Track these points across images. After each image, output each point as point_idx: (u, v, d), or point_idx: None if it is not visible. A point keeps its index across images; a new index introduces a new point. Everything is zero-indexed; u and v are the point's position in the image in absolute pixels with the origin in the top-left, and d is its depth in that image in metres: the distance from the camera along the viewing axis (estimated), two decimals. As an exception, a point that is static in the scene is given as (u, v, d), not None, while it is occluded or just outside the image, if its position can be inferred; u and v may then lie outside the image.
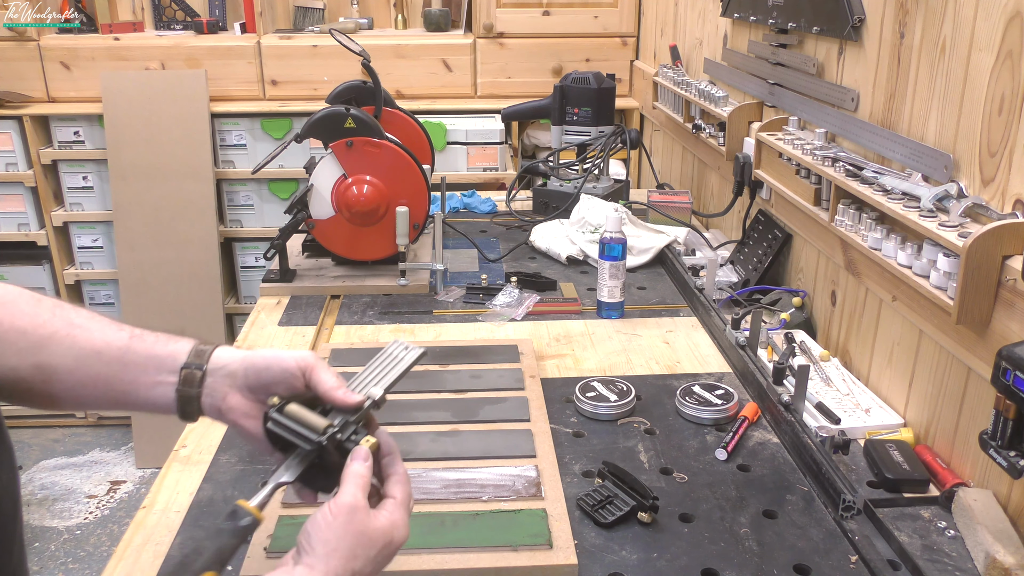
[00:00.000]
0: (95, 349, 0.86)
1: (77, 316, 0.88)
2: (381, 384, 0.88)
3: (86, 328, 0.87)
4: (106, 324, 0.89)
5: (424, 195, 1.87)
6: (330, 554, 0.74)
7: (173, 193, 3.20)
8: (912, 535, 1.06)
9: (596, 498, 1.12)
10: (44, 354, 0.84)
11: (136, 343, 0.88)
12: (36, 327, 0.85)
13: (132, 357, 0.87)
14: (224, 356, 0.89)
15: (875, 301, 1.40)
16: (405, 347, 0.93)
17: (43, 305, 0.87)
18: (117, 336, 0.88)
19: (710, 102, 2.10)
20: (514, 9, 3.24)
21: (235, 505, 0.80)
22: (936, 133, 1.21)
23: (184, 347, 0.89)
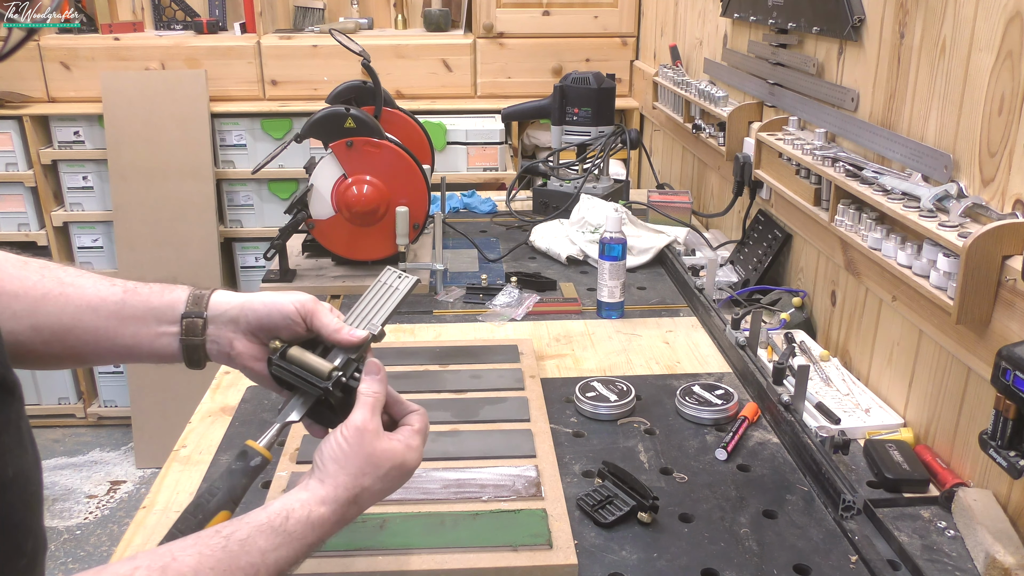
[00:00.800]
0: (90, 306, 0.86)
1: (66, 274, 0.88)
2: (379, 316, 0.90)
3: (78, 286, 0.87)
4: (97, 279, 0.88)
5: (424, 195, 1.87)
6: (339, 471, 0.79)
7: (173, 193, 3.20)
8: (912, 535, 1.06)
9: (596, 498, 1.12)
10: (40, 315, 0.84)
11: (131, 297, 0.88)
12: (27, 289, 0.85)
13: (129, 311, 0.87)
14: (223, 302, 0.89)
15: (875, 301, 1.40)
16: (398, 275, 0.93)
17: (30, 267, 0.87)
18: (111, 291, 0.88)
19: (710, 102, 2.10)
20: (514, 9, 3.24)
21: (244, 445, 0.82)
22: (936, 133, 1.21)
23: (180, 295, 0.89)
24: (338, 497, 0.78)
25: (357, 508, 0.80)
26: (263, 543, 0.73)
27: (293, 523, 0.75)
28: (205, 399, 1.43)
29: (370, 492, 0.80)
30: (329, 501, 0.78)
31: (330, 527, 0.78)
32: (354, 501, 0.79)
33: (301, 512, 0.76)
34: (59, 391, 3.53)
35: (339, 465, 0.79)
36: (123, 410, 3.52)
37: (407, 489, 1.11)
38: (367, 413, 0.81)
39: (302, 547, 0.75)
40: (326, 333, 0.87)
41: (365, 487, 0.79)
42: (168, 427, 3.18)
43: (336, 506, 0.78)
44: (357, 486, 0.79)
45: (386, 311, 0.91)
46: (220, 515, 0.78)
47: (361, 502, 0.80)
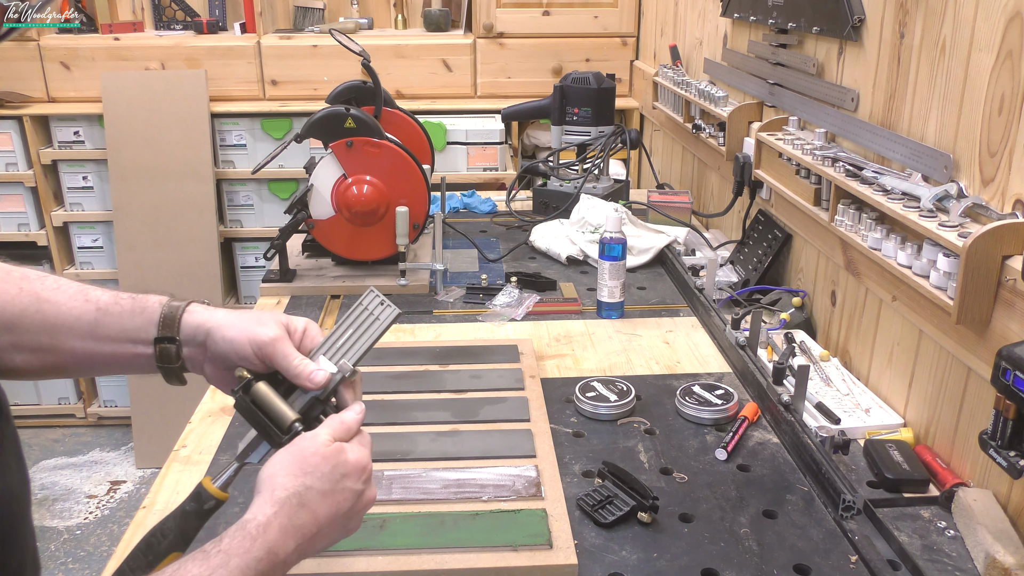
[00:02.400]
0: (66, 325, 0.85)
1: (43, 288, 0.86)
2: (354, 352, 0.85)
3: (54, 302, 0.85)
4: (73, 293, 0.86)
5: (424, 195, 1.87)
6: (274, 475, 0.75)
7: (173, 193, 3.20)
8: (912, 535, 1.06)
9: (596, 498, 1.12)
10: (18, 333, 0.83)
11: (103, 317, 0.86)
12: (4, 305, 0.83)
13: (103, 331, 0.85)
14: (193, 324, 0.86)
15: (875, 301, 1.40)
16: (381, 301, 0.88)
17: (11, 279, 0.85)
18: (84, 309, 0.85)
19: (710, 102, 2.10)
20: (514, 9, 3.24)
21: (199, 486, 0.80)
22: (936, 133, 1.21)
23: (152, 315, 0.86)
24: (278, 498, 0.73)
25: (309, 512, 0.75)
26: (195, 569, 0.68)
27: (227, 540, 0.70)
28: (205, 399, 1.43)
29: (319, 492, 0.75)
30: (268, 503, 0.73)
31: (277, 533, 0.72)
32: (300, 503, 0.74)
33: (235, 528, 0.71)
34: (59, 391, 3.53)
35: (274, 472, 0.75)
36: (123, 410, 3.52)
37: (407, 489, 1.12)
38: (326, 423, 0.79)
39: (249, 561, 0.70)
40: (287, 376, 0.83)
41: (309, 485, 0.75)
42: (168, 427, 3.18)
43: (277, 507, 0.73)
44: (300, 484, 0.74)
45: (362, 347, 0.85)
46: (170, 556, 0.76)
47: (310, 503, 0.75)
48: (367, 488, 0.80)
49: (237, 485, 1.16)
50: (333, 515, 0.76)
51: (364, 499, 0.80)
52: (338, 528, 0.78)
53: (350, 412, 0.83)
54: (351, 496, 0.78)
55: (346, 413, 0.82)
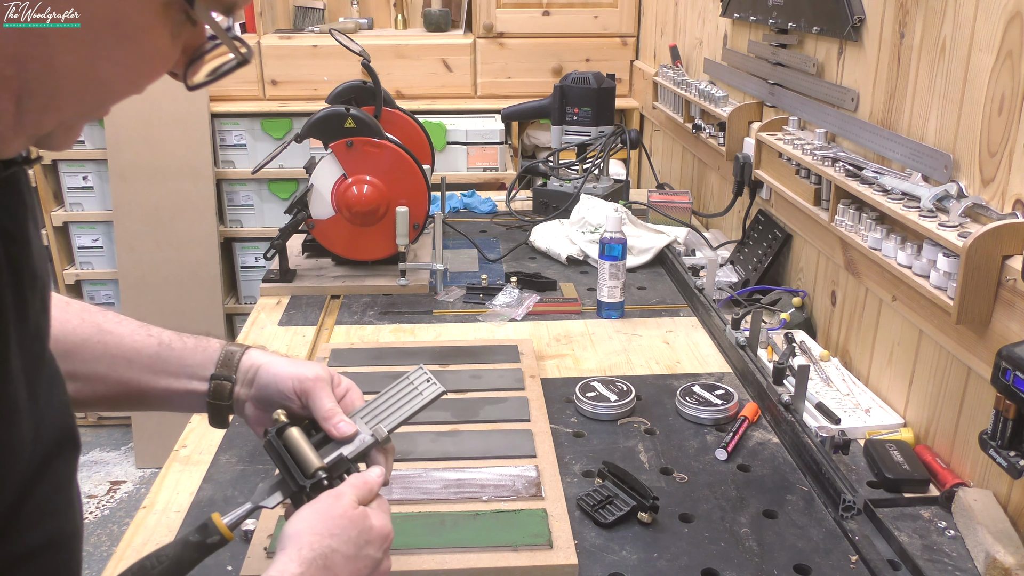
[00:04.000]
0: (125, 357, 0.86)
1: (105, 321, 0.88)
2: (392, 420, 0.86)
3: (116, 334, 0.87)
4: (135, 328, 0.89)
5: (424, 195, 1.87)
6: (302, 532, 0.74)
7: (173, 193, 3.20)
8: (912, 535, 1.06)
9: (596, 498, 1.12)
10: (76, 361, 0.84)
11: (165, 351, 0.88)
12: (66, 334, 0.84)
13: (163, 366, 0.88)
14: (247, 364, 0.89)
15: (875, 301, 1.40)
16: (427, 379, 0.90)
17: (71, 310, 0.87)
18: (146, 343, 0.88)
19: (710, 102, 2.10)
20: (514, 9, 3.24)
21: (208, 519, 0.80)
22: (936, 133, 1.21)
23: (213, 354, 0.89)
24: (304, 558, 0.73)
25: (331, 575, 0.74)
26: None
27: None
28: (205, 399, 1.43)
29: (344, 556, 0.74)
30: (295, 562, 0.72)
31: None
32: (325, 564, 0.73)
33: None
34: (59, 391, 3.53)
35: (300, 529, 0.75)
36: (123, 410, 3.52)
37: (407, 489, 1.12)
38: (343, 487, 0.79)
39: None
40: (317, 417, 0.85)
41: (335, 548, 0.74)
42: (168, 427, 3.18)
43: (304, 568, 0.72)
44: (326, 546, 0.74)
45: (400, 416, 0.87)
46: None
47: (334, 566, 0.74)
48: (385, 558, 0.80)
49: (238, 485, 1.16)
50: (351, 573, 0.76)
51: (381, 569, 0.79)
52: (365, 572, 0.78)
53: (372, 472, 0.83)
54: (371, 564, 0.77)
55: (369, 473, 0.83)
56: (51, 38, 0.52)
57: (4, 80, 0.52)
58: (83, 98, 0.56)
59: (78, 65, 0.54)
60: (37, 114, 0.55)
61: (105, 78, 0.56)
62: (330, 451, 0.83)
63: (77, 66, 0.54)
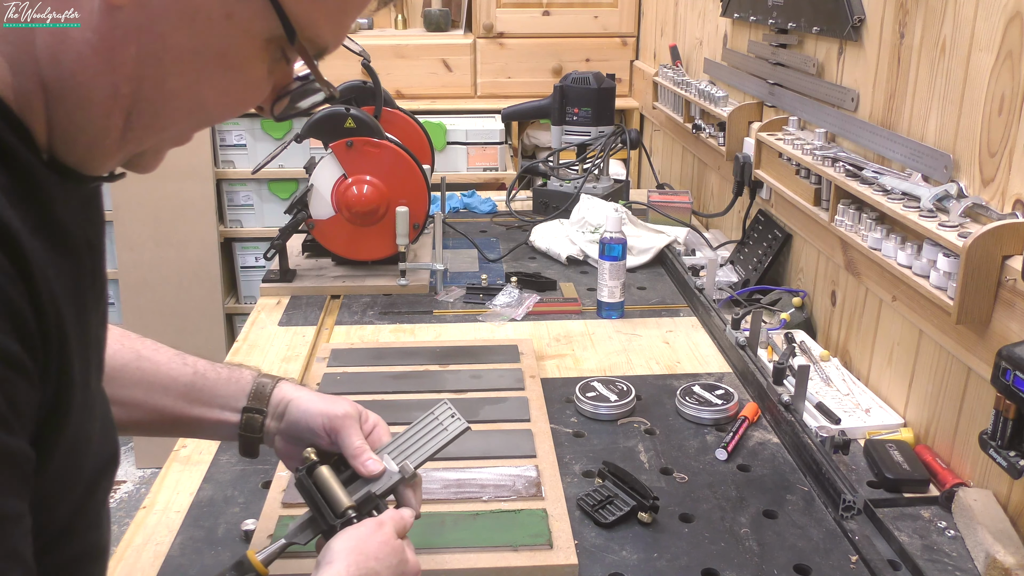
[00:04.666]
0: (162, 384, 0.89)
1: (144, 347, 0.90)
2: (418, 456, 0.89)
3: (153, 361, 0.89)
4: (171, 356, 0.91)
5: (424, 195, 1.87)
6: (349, 551, 0.76)
7: (173, 193, 3.20)
8: (912, 535, 1.06)
9: (596, 498, 1.12)
10: (113, 385, 0.85)
11: (200, 380, 0.90)
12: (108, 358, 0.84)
13: (196, 395, 0.90)
14: (278, 398, 0.91)
15: (875, 301, 1.40)
16: (452, 414, 0.93)
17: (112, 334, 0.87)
18: (182, 371, 0.90)
19: (710, 102, 2.10)
20: (514, 9, 3.23)
21: (244, 556, 0.82)
22: (936, 133, 1.21)
23: (246, 385, 0.91)
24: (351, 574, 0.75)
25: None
26: None
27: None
28: (205, 399, 1.43)
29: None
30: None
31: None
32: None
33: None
34: (59, 391, 3.53)
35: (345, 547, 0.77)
36: (123, 410, 3.51)
37: (407, 489, 1.12)
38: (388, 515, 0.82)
39: None
40: (346, 455, 0.87)
41: (377, 572, 0.76)
42: (168, 427, 3.18)
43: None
44: (369, 569, 0.76)
45: (426, 452, 0.90)
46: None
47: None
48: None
49: (238, 485, 1.16)
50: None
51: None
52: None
53: (406, 511, 0.86)
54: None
55: (405, 510, 0.86)
56: (166, 62, 0.56)
57: (120, 98, 0.56)
58: (184, 120, 0.60)
59: (186, 89, 0.58)
60: (141, 132, 0.59)
61: (207, 103, 0.60)
62: (359, 487, 0.86)
63: (185, 89, 0.58)
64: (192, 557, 1.02)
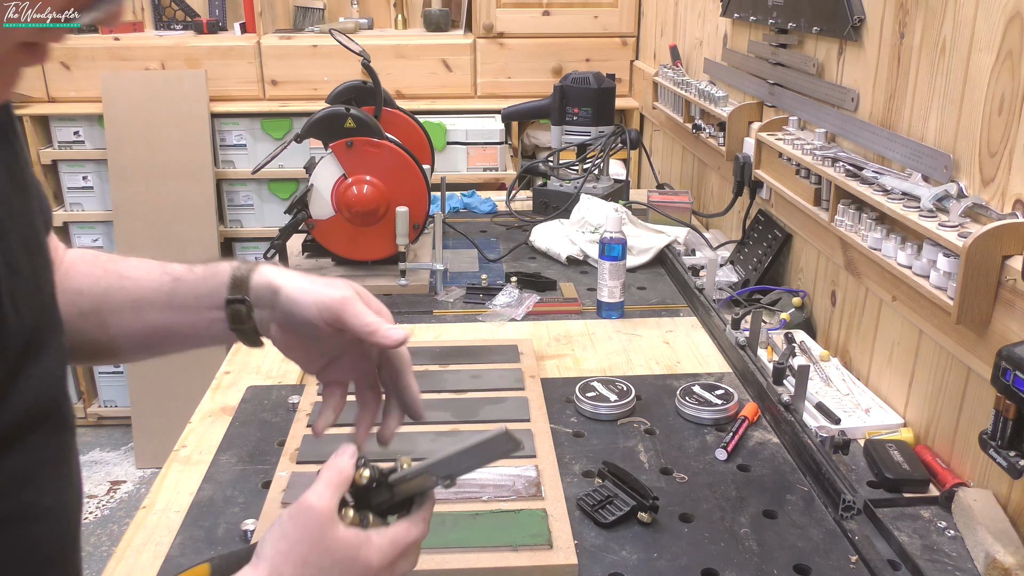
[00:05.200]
0: (145, 299, 0.85)
1: (126, 267, 0.87)
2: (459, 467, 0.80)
3: (133, 279, 0.86)
4: (152, 268, 0.86)
5: (424, 195, 1.87)
6: (276, 555, 0.68)
7: (173, 193, 3.20)
8: (912, 535, 1.06)
9: (596, 498, 1.12)
10: (104, 312, 0.84)
11: (179, 285, 0.85)
12: (91, 286, 0.84)
13: (179, 300, 0.85)
14: (261, 284, 0.83)
15: (875, 301, 1.40)
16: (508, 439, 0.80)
17: (97, 263, 0.86)
18: (160, 281, 0.85)
19: (710, 102, 2.10)
20: (514, 9, 3.24)
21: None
22: (936, 133, 1.21)
23: (224, 278, 0.84)
24: None
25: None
26: None
27: None
28: (205, 399, 1.43)
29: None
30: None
31: None
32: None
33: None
34: (59, 391, 3.53)
35: (277, 549, 0.68)
36: (123, 410, 3.52)
37: (407, 489, 1.12)
38: (321, 489, 0.70)
39: None
40: (360, 335, 0.79)
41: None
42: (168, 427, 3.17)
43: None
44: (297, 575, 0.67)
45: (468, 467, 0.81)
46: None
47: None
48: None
49: (238, 485, 1.16)
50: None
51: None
52: None
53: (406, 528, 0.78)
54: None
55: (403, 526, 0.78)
56: None
57: None
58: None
59: None
60: None
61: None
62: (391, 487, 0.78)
63: None
64: (192, 557, 1.02)
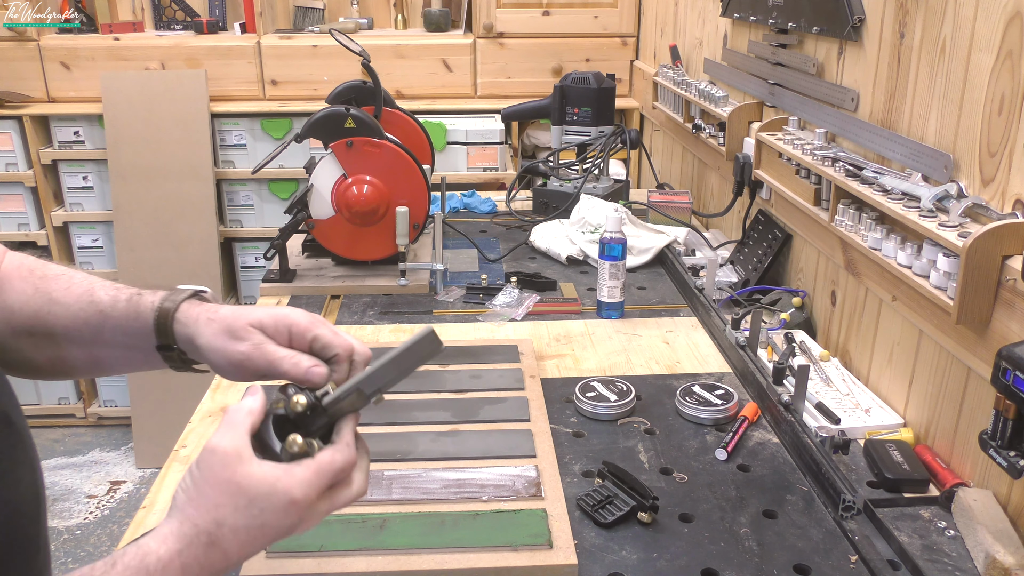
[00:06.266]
0: (74, 330, 0.83)
1: (57, 287, 0.84)
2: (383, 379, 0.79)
3: (63, 305, 0.83)
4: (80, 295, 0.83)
5: (424, 195, 1.87)
6: (188, 503, 0.66)
7: (173, 193, 3.20)
8: (912, 535, 1.06)
9: (596, 498, 1.12)
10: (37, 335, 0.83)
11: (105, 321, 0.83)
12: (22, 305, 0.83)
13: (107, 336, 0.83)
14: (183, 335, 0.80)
15: (875, 301, 1.40)
16: (431, 339, 0.80)
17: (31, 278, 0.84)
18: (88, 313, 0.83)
19: (710, 102, 2.10)
20: (514, 9, 3.24)
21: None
22: (936, 133, 1.21)
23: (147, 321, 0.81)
24: (185, 533, 0.65)
25: (221, 553, 0.65)
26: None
27: (121, 568, 0.62)
28: (205, 399, 1.43)
29: (233, 529, 0.65)
30: (173, 538, 0.64)
31: (176, 573, 0.64)
32: (211, 541, 0.65)
33: (133, 558, 0.63)
34: (59, 391, 3.53)
35: (188, 496, 0.66)
36: (123, 410, 3.52)
37: (407, 489, 1.12)
38: (223, 430, 0.68)
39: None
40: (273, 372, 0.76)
41: (223, 522, 0.65)
42: (168, 427, 3.18)
43: (184, 545, 0.64)
44: (211, 521, 0.65)
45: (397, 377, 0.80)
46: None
47: (223, 542, 0.65)
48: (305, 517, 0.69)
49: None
50: (254, 544, 0.67)
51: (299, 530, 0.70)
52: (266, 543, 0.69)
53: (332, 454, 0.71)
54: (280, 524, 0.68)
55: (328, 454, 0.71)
56: None
57: None
58: None
59: None
60: None
61: None
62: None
63: None
64: (192, 557, 1.02)
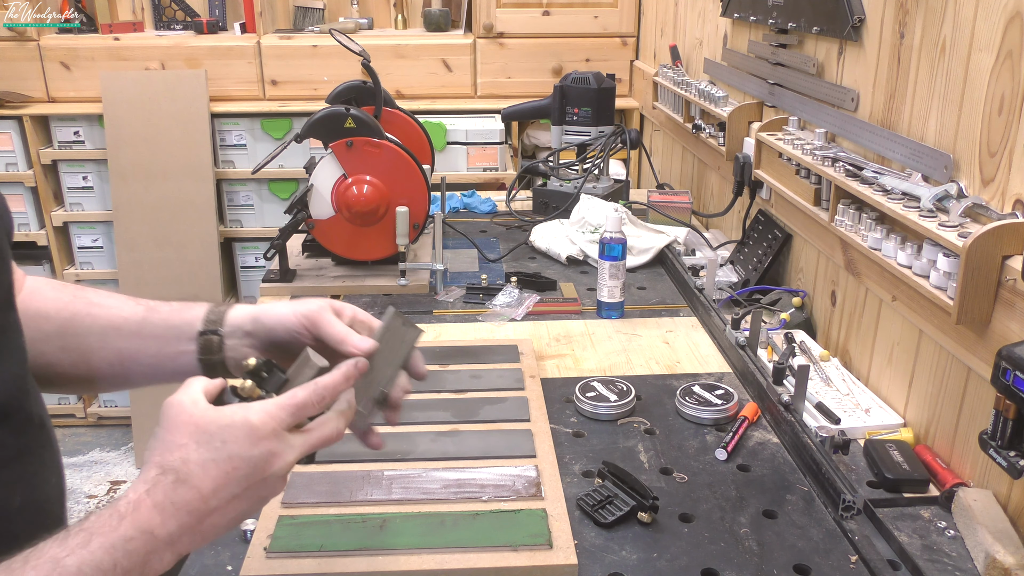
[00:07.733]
0: (114, 325, 0.87)
1: (96, 296, 0.89)
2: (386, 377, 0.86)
3: (104, 306, 0.88)
4: (123, 300, 0.89)
5: (424, 195, 1.87)
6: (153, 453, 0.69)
7: (173, 193, 3.20)
8: (912, 535, 1.06)
9: (596, 498, 1.12)
10: (68, 336, 0.85)
11: (151, 315, 0.88)
12: (59, 310, 0.86)
13: (150, 329, 0.87)
14: (238, 317, 0.88)
15: (875, 301, 1.40)
16: (403, 321, 0.88)
17: (66, 290, 0.89)
18: (134, 310, 0.88)
19: (710, 102, 2.10)
20: (514, 9, 3.24)
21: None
22: (936, 133, 1.21)
23: (199, 312, 0.89)
24: (151, 476, 0.68)
25: (192, 489, 0.68)
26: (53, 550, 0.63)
27: (93, 518, 0.66)
28: (205, 399, 1.43)
29: (200, 464, 0.68)
30: (140, 482, 0.68)
31: (151, 512, 0.66)
32: (179, 479, 0.68)
33: (106, 505, 0.67)
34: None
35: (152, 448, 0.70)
36: (123, 410, 3.52)
37: (407, 489, 1.12)
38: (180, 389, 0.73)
39: (116, 541, 0.65)
40: (332, 343, 0.83)
41: (188, 458, 0.68)
42: (168, 427, 3.18)
43: (151, 486, 0.67)
44: (177, 459, 0.68)
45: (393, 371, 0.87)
46: None
47: (192, 479, 0.68)
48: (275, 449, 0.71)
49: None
50: (225, 479, 0.69)
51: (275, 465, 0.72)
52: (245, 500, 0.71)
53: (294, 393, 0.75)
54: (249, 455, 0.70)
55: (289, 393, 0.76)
56: None
57: None
58: None
59: None
60: None
61: None
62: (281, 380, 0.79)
63: None
64: (191, 557, 1.02)
